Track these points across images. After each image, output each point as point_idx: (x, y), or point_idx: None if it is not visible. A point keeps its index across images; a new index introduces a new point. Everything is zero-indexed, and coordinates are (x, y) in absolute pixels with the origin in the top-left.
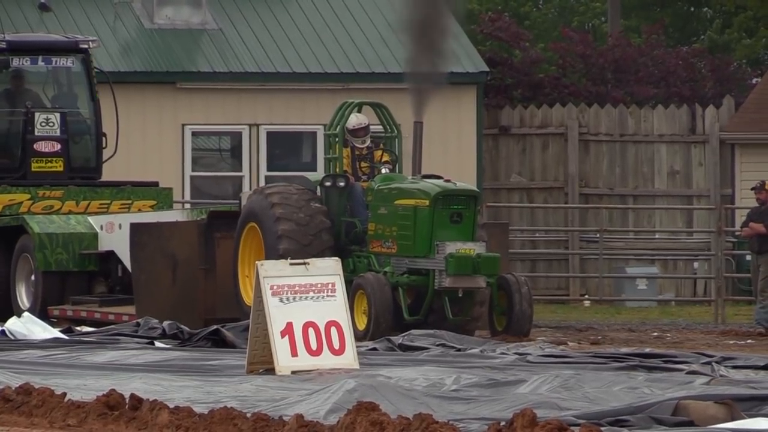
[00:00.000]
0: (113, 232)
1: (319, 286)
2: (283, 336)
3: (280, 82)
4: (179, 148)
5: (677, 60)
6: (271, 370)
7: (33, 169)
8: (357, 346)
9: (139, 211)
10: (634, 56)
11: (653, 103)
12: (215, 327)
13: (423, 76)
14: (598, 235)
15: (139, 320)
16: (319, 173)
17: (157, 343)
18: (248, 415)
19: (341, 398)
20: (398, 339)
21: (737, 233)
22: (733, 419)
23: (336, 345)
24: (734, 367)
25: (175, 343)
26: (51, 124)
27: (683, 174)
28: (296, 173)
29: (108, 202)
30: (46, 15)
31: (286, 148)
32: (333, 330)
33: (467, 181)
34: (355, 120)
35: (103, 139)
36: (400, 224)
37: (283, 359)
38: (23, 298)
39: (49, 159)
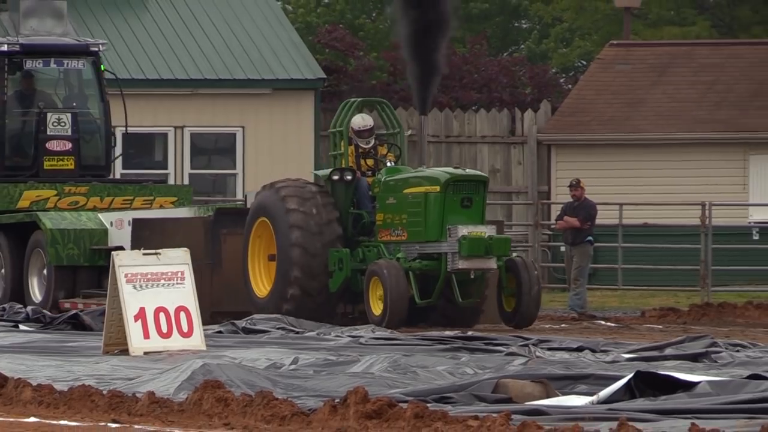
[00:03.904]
0: (123, 228)
1: (169, 274)
2: (136, 320)
3: (135, 87)
4: None
5: (498, 68)
6: (125, 351)
7: (45, 167)
8: (204, 329)
9: (161, 207)
10: (459, 64)
11: (476, 108)
12: (74, 312)
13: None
14: None
15: (4, 305)
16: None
17: (22, 326)
18: (104, 392)
19: (189, 377)
20: (242, 323)
21: (552, 226)
22: (548, 396)
23: (185, 328)
24: (549, 349)
25: (38, 327)
26: (63, 124)
27: (503, 172)
28: (149, 171)
29: (131, 198)
30: None
31: (140, 149)
32: (182, 314)
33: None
34: (360, 121)
35: (113, 138)
36: (410, 211)
37: (136, 341)
38: (35, 291)
39: (61, 157)
